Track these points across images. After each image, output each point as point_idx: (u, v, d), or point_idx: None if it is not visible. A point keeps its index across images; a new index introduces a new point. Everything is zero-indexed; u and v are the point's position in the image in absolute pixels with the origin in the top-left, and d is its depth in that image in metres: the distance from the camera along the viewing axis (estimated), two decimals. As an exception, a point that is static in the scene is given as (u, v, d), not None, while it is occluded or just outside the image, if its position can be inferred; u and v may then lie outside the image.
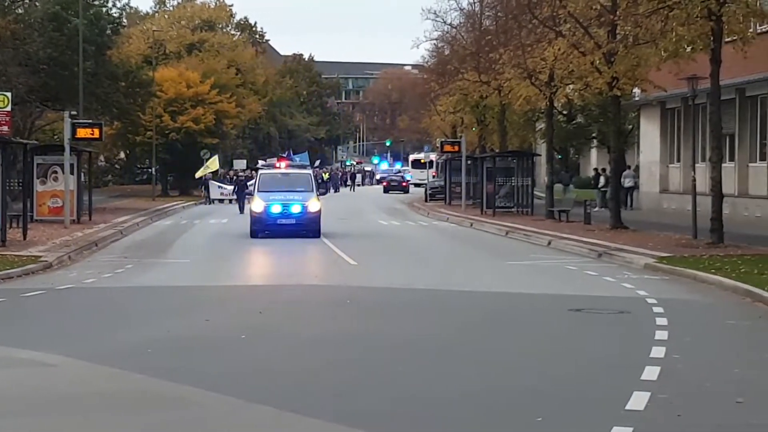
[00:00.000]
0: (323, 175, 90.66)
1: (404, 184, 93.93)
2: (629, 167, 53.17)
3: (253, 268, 28.02)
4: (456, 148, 58.41)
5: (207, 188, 69.59)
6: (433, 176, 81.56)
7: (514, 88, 45.85)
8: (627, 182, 49.67)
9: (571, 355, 13.31)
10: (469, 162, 58.40)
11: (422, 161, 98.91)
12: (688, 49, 30.49)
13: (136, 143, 77.63)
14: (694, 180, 31.39)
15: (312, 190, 36.96)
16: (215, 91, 79.56)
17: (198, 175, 71.75)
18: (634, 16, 31.33)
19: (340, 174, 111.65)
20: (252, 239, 35.23)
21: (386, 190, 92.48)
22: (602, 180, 52.72)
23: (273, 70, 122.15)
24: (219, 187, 68.99)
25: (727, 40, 30.34)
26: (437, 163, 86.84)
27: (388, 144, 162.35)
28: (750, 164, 41.69)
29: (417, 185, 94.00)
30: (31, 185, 38.99)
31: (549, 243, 33.44)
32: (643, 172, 52.99)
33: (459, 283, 22.37)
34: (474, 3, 62.37)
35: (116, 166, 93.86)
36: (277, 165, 40.59)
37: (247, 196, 50.66)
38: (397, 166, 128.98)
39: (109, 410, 10.27)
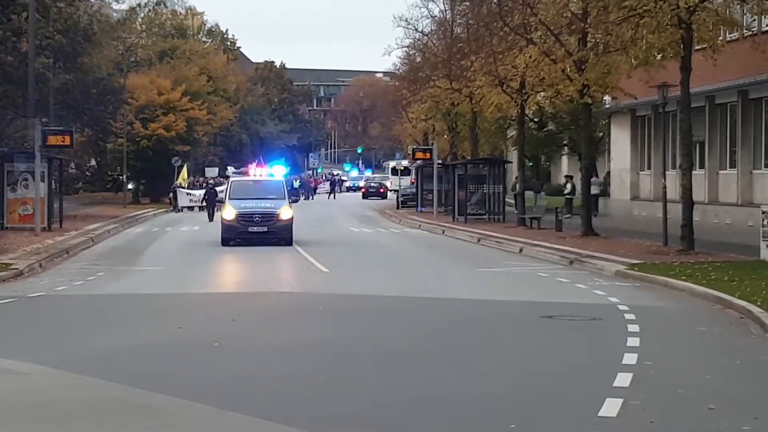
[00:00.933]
0: (294, 182, 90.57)
1: (382, 190, 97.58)
2: (595, 175, 53.36)
3: (225, 276, 27.97)
4: (427, 155, 58.58)
5: (175, 196, 69.16)
6: (412, 183, 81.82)
7: (486, 96, 45.92)
8: (592, 189, 49.81)
9: (544, 362, 13.34)
10: (440, 169, 58.50)
11: (396, 168, 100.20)
12: (659, 56, 30.67)
13: (107, 150, 77.33)
14: (665, 187, 31.53)
15: (284, 198, 36.83)
16: (186, 98, 79.40)
17: (178, 181, 71.52)
18: (604, 23, 31.45)
19: (312, 182, 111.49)
20: (223, 247, 35.12)
21: (365, 196, 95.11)
22: (568, 187, 52.87)
23: (244, 77, 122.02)
24: (188, 194, 68.41)
25: (696, 47, 30.53)
26: (415, 170, 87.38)
27: (359, 151, 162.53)
28: (720, 171, 41.93)
29: (396, 191, 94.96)
30: (1, 193, 38.80)
31: (521, 250, 33.51)
32: (613, 180, 53.21)
33: (431, 290, 22.37)
34: (445, 11, 62.63)
35: (87, 173, 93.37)
36: (250, 172, 40.24)
37: (217, 204, 50.46)
38: (368, 173, 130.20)
39: (83, 418, 10.21)
